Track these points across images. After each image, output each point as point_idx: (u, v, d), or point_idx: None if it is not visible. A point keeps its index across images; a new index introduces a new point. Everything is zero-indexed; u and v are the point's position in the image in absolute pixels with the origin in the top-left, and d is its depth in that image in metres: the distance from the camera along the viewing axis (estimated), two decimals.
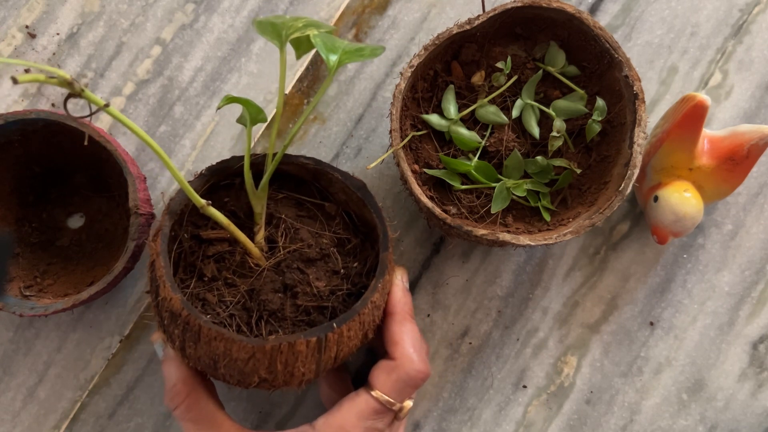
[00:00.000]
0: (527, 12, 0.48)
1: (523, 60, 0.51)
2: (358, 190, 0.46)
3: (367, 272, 0.47)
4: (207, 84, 0.56)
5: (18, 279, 0.50)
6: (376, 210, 0.46)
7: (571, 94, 0.51)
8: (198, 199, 0.41)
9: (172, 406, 0.44)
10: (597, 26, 0.47)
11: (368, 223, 0.47)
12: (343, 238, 0.47)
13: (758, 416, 0.54)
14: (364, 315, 0.42)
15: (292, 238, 0.46)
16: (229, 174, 0.47)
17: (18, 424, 0.53)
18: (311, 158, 0.47)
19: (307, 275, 0.45)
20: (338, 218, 0.48)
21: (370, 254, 0.47)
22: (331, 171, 0.47)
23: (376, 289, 0.43)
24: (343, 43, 0.42)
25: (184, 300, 0.40)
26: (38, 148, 0.51)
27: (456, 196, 0.50)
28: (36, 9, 0.56)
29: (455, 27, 0.48)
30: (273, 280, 0.44)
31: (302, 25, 0.41)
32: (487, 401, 0.54)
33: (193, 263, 0.45)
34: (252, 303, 0.44)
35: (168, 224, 0.43)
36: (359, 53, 0.41)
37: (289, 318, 0.44)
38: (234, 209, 0.47)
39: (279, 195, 0.48)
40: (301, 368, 0.41)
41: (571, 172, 0.50)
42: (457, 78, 0.51)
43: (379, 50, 0.42)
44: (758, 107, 0.56)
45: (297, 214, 0.48)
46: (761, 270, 0.55)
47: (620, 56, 0.47)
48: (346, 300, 0.45)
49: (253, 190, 0.44)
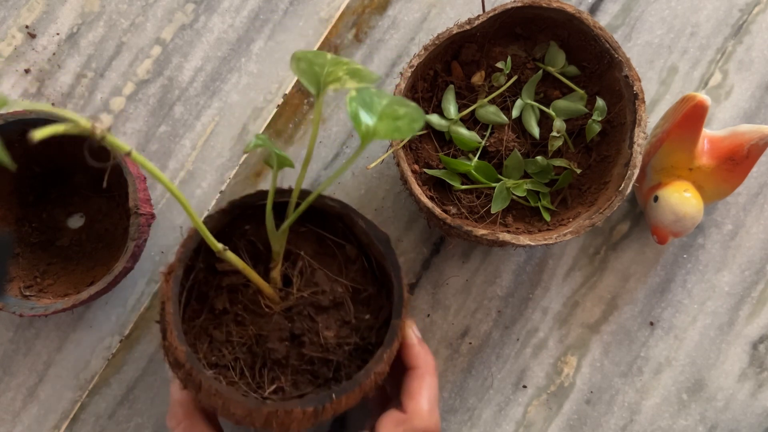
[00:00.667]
0: (527, 12, 0.48)
1: (523, 60, 0.51)
2: (381, 243, 0.44)
3: (378, 327, 0.45)
4: (207, 84, 0.56)
5: (18, 279, 0.50)
6: (395, 268, 0.44)
7: (571, 94, 0.51)
8: (215, 245, 0.40)
9: (170, 426, 0.44)
10: (597, 26, 0.47)
11: (386, 275, 0.45)
12: (359, 287, 0.46)
13: (758, 416, 0.54)
14: (365, 385, 0.41)
15: (307, 280, 0.45)
16: (251, 207, 0.46)
17: (18, 424, 0.53)
18: (338, 201, 0.45)
19: (317, 323, 0.44)
20: (358, 263, 0.47)
21: (384, 305, 0.46)
22: (356, 217, 0.45)
23: (382, 360, 0.41)
24: (381, 100, 0.38)
25: (188, 352, 0.40)
26: (38, 148, 0.51)
27: (456, 196, 0.50)
28: (36, 9, 0.56)
29: (455, 27, 0.48)
30: (281, 327, 0.44)
31: (342, 74, 0.38)
32: (487, 401, 0.54)
33: (206, 293, 0.45)
34: (258, 348, 0.44)
35: (181, 267, 0.42)
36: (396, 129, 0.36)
37: (293, 366, 0.43)
38: (254, 239, 0.46)
39: (302, 228, 0.47)
40: (296, 427, 0.40)
41: (571, 172, 0.50)
42: (457, 78, 0.51)
43: (417, 124, 0.37)
44: (758, 107, 0.56)
45: (317, 251, 0.47)
46: (761, 270, 0.55)
47: (620, 56, 0.47)
48: (352, 354, 0.44)
49: (273, 231, 0.42)
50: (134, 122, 0.55)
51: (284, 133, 0.56)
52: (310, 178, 0.55)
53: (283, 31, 0.56)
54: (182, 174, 0.55)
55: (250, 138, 0.56)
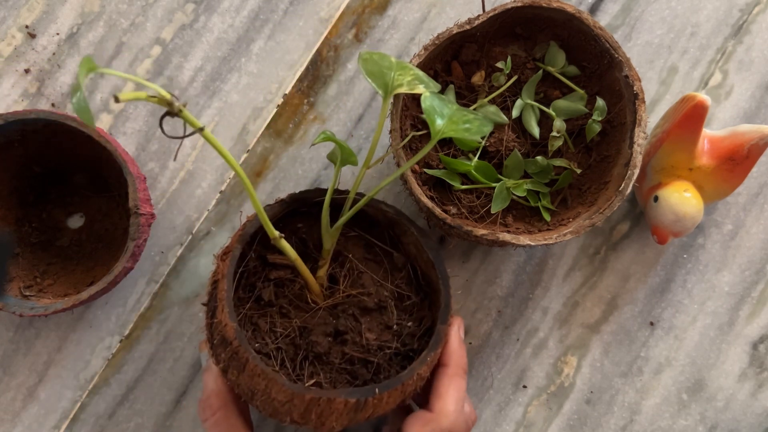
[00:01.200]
0: (527, 12, 0.48)
1: (523, 60, 0.51)
2: (431, 251, 0.45)
3: (420, 335, 0.46)
4: (207, 84, 0.56)
5: (18, 279, 0.50)
6: (443, 276, 0.44)
7: (571, 94, 0.51)
8: (272, 231, 0.41)
9: (203, 417, 0.44)
10: (597, 26, 0.47)
11: (432, 284, 0.46)
12: (404, 293, 0.47)
13: (758, 416, 0.54)
14: (407, 385, 0.41)
15: (353, 281, 0.46)
16: (308, 203, 0.46)
17: (18, 424, 0.53)
18: (392, 207, 0.46)
19: (360, 324, 0.44)
20: (404, 271, 0.47)
21: (427, 315, 0.46)
22: (409, 224, 0.46)
23: (425, 362, 0.42)
24: (451, 107, 0.41)
25: (238, 329, 0.40)
26: (38, 148, 0.51)
27: (456, 196, 0.50)
28: (36, 9, 0.56)
29: (455, 27, 0.48)
30: (326, 322, 0.44)
31: (410, 79, 0.41)
32: (487, 401, 0.54)
33: (254, 283, 0.45)
34: (301, 341, 0.44)
35: (239, 247, 0.43)
36: (466, 130, 0.40)
37: (334, 363, 0.44)
38: (305, 237, 0.47)
39: (351, 233, 0.48)
40: (333, 422, 0.40)
41: (571, 172, 0.50)
42: (457, 78, 0.51)
43: (486, 128, 0.41)
44: (758, 107, 0.56)
45: (364, 256, 0.47)
46: (761, 270, 0.55)
47: (620, 56, 0.47)
48: (392, 359, 0.45)
49: (327, 227, 0.43)
50: (134, 122, 0.55)
51: (284, 132, 0.56)
52: (309, 178, 0.55)
53: (283, 31, 0.56)
54: (182, 174, 0.55)
55: (250, 138, 0.56)
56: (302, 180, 0.55)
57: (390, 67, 0.41)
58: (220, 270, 0.43)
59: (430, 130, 0.40)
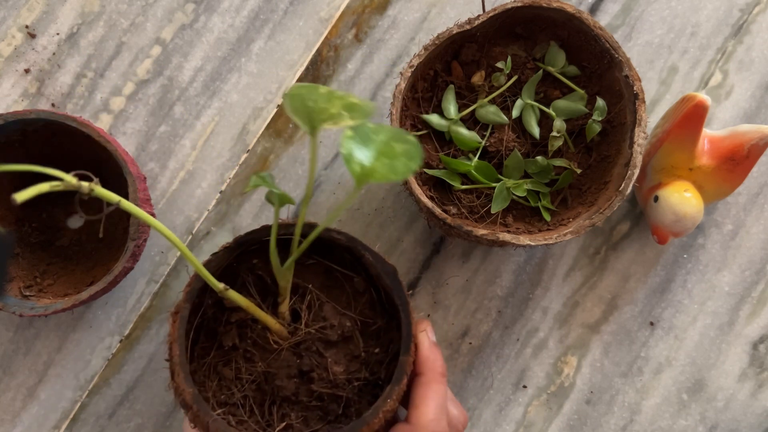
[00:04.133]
0: (527, 12, 0.48)
1: (523, 60, 0.51)
2: (388, 277, 0.44)
3: (387, 362, 0.45)
4: (207, 84, 0.56)
5: (18, 279, 0.50)
6: (403, 303, 0.43)
7: (571, 94, 0.51)
8: (216, 284, 0.40)
9: None
10: (597, 26, 0.47)
11: (395, 307, 0.45)
12: (368, 320, 0.46)
13: (758, 416, 0.54)
14: (373, 425, 0.40)
15: (315, 315, 0.45)
16: (258, 242, 0.45)
17: (18, 424, 0.53)
18: (344, 234, 0.44)
19: (326, 359, 0.44)
20: (366, 295, 0.46)
21: (395, 338, 0.45)
22: (363, 251, 0.44)
23: (390, 397, 0.41)
24: (379, 137, 0.36)
25: (195, 394, 0.40)
26: (38, 148, 0.51)
27: (456, 196, 0.50)
28: (36, 9, 0.56)
29: (455, 27, 0.48)
30: (290, 364, 0.44)
31: (336, 111, 0.37)
32: (487, 401, 0.54)
33: (215, 329, 0.45)
34: (267, 386, 0.43)
35: (187, 306, 0.42)
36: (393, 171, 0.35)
37: (303, 402, 0.43)
38: (261, 274, 0.46)
39: (309, 261, 0.47)
40: None
41: (571, 172, 0.50)
42: (457, 78, 0.51)
43: (414, 164, 0.36)
44: (758, 107, 0.56)
45: (324, 284, 0.46)
46: (761, 270, 0.55)
47: (620, 56, 0.47)
48: (362, 390, 0.44)
49: (278, 268, 0.42)
50: (134, 122, 0.55)
51: (284, 132, 0.56)
52: None
53: (283, 31, 0.56)
54: (182, 174, 0.55)
55: (250, 138, 0.56)
56: (302, 180, 0.55)
57: (316, 100, 0.37)
58: (171, 334, 0.42)
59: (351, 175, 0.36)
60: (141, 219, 0.36)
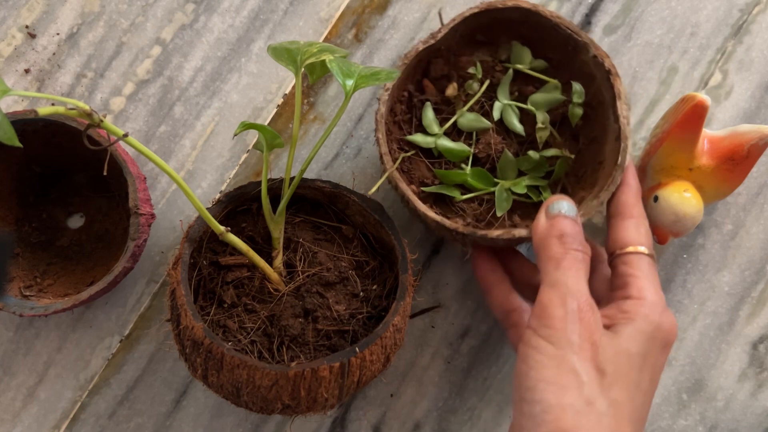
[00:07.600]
0: (484, 17, 0.49)
1: (490, 64, 0.52)
2: (375, 212, 0.46)
3: (386, 294, 0.46)
4: (207, 84, 0.56)
5: (18, 279, 0.50)
6: (394, 231, 0.45)
7: (546, 86, 0.51)
8: (217, 226, 0.41)
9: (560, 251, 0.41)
10: (554, 15, 0.48)
11: (386, 245, 0.47)
12: (362, 260, 0.47)
13: (758, 416, 0.54)
14: (386, 338, 0.42)
15: (310, 262, 0.46)
16: (246, 199, 0.47)
17: (18, 424, 0.53)
18: (328, 181, 0.47)
19: (327, 299, 0.45)
20: (356, 241, 0.48)
21: (389, 276, 0.47)
22: (348, 194, 0.46)
23: (397, 312, 0.42)
24: (358, 67, 0.42)
25: (206, 328, 0.40)
26: (38, 148, 0.51)
27: (459, 208, 0.50)
28: (36, 9, 0.56)
29: (420, 43, 0.48)
30: (293, 305, 0.44)
31: (317, 50, 0.41)
32: (488, 401, 0.54)
33: (212, 290, 0.46)
34: (273, 329, 0.44)
35: (188, 252, 0.43)
36: (375, 77, 0.41)
37: (311, 343, 0.44)
38: (252, 234, 0.47)
39: (296, 219, 0.48)
40: (324, 393, 0.41)
41: (565, 159, 0.50)
42: (431, 95, 0.52)
43: (394, 74, 0.42)
44: (758, 107, 0.56)
45: (314, 238, 0.48)
46: (761, 270, 0.55)
47: (583, 38, 0.48)
48: (366, 323, 0.45)
49: (270, 215, 0.44)
50: (134, 122, 0.55)
51: (284, 133, 0.56)
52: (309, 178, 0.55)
53: (283, 31, 0.56)
54: (182, 174, 0.55)
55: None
56: None
57: (298, 47, 0.42)
58: (173, 279, 0.43)
59: (343, 90, 0.41)
60: (144, 155, 0.38)
